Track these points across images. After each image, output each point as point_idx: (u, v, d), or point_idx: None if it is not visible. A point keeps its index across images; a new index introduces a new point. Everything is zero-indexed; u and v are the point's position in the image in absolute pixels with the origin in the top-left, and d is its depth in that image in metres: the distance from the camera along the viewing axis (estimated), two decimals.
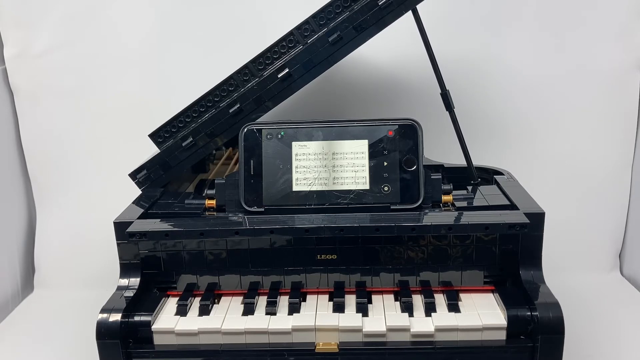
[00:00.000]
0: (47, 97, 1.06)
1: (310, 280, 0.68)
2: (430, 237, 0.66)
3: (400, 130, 0.70)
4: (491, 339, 0.61)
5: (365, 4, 0.71)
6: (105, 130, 1.08)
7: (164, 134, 0.77)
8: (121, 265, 0.68)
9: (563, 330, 0.59)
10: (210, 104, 0.75)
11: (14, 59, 1.05)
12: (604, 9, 1.00)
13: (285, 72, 0.73)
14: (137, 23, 1.04)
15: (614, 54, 1.02)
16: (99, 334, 0.62)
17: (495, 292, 0.66)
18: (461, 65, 1.02)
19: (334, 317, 0.63)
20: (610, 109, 1.04)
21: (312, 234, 0.64)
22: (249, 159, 0.70)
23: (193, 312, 0.65)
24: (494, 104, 1.04)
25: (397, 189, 0.68)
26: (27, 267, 1.11)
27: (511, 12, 1.02)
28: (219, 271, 0.68)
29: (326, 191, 0.69)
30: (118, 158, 1.05)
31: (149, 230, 0.65)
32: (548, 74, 1.03)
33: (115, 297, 0.66)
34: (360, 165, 0.69)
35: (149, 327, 0.63)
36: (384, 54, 1.03)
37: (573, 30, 1.02)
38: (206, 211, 0.73)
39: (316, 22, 0.73)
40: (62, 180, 1.09)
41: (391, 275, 0.67)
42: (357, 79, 1.05)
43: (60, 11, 1.03)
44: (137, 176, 0.78)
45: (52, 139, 1.08)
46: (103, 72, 1.06)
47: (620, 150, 1.06)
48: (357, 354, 0.61)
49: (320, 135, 0.70)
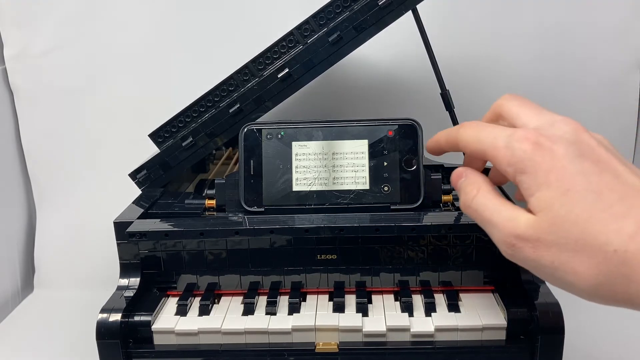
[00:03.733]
0: (47, 97, 1.06)
1: (310, 280, 0.68)
2: (430, 237, 0.66)
3: (400, 130, 0.70)
4: (491, 339, 0.61)
5: (365, 4, 0.71)
6: (105, 130, 1.08)
7: (164, 134, 0.77)
8: (121, 265, 0.68)
9: (563, 330, 0.59)
10: (210, 104, 0.75)
11: (14, 59, 1.05)
12: (604, 9, 1.00)
13: (285, 72, 0.73)
14: (137, 23, 1.04)
15: (614, 54, 1.02)
16: (99, 334, 0.62)
17: (495, 292, 0.66)
18: (461, 65, 1.02)
19: (334, 317, 0.63)
20: (610, 109, 1.04)
21: (312, 234, 0.64)
22: (249, 159, 0.70)
23: (193, 312, 0.65)
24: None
25: (397, 189, 0.68)
26: (27, 267, 1.11)
27: (511, 12, 1.02)
28: (219, 271, 0.68)
29: (326, 191, 0.69)
30: (118, 158, 1.05)
31: (149, 230, 0.65)
32: (548, 74, 1.03)
33: (115, 297, 0.66)
34: (360, 165, 0.69)
35: (149, 327, 0.63)
36: (384, 54, 1.03)
37: (573, 30, 1.02)
38: (206, 211, 0.73)
39: (316, 22, 0.73)
40: (62, 180, 1.09)
41: (391, 275, 0.67)
42: (357, 79, 1.05)
43: (60, 11, 1.03)
44: (137, 176, 0.78)
45: (52, 139, 1.08)
46: (103, 72, 1.06)
47: (620, 150, 1.05)
48: (357, 354, 0.61)
49: (320, 135, 0.70)
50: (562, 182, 0.42)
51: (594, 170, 0.42)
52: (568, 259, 0.42)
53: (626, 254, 0.39)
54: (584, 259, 0.41)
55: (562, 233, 0.42)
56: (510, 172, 0.45)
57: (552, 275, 0.43)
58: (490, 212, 0.47)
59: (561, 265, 0.42)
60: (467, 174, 0.52)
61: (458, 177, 0.52)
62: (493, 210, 0.47)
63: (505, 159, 0.45)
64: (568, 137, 0.44)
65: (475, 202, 0.48)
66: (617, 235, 0.40)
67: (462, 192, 0.51)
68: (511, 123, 0.49)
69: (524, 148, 0.44)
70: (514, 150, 0.45)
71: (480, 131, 0.49)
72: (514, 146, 0.45)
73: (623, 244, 0.39)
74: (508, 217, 0.45)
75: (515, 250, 0.44)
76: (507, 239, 0.45)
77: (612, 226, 0.40)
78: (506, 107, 0.51)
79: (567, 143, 0.44)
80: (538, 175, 0.43)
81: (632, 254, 0.39)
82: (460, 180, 0.52)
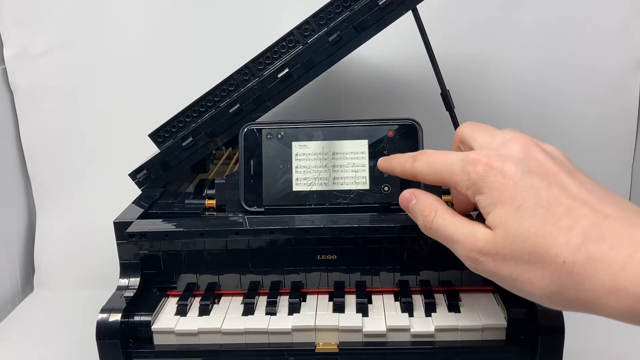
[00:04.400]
0: (47, 97, 1.06)
1: (310, 280, 0.68)
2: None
3: (400, 130, 0.70)
4: (491, 339, 0.61)
5: (365, 4, 0.71)
6: (105, 130, 1.08)
7: (164, 134, 0.77)
8: (121, 265, 0.68)
9: (563, 330, 0.59)
10: (210, 104, 0.75)
11: (14, 59, 1.05)
12: (604, 9, 1.00)
13: (285, 72, 0.73)
14: (137, 23, 1.04)
15: (614, 54, 1.02)
16: (98, 334, 0.62)
17: (495, 292, 0.66)
18: (461, 65, 1.02)
19: (334, 317, 0.63)
20: (610, 109, 1.04)
21: (313, 234, 0.64)
22: (249, 159, 0.70)
23: (193, 312, 0.65)
24: (494, 104, 1.04)
25: (397, 189, 0.68)
26: (27, 267, 1.11)
27: (511, 12, 1.02)
28: (219, 271, 0.68)
29: (326, 191, 0.69)
30: (118, 158, 1.05)
31: (149, 230, 0.65)
32: (548, 74, 1.03)
33: (115, 297, 0.65)
34: (360, 165, 0.69)
35: (149, 327, 0.63)
36: (384, 54, 1.03)
37: (573, 30, 1.02)
38: (206, 211, 0.73)
39: (316, 22, 0.73)
40: (62, 180, 1.09)
41: (391, 275, 0.67)
42: (357, 79, 1.05)
43: (60, 11, 1.03)
44: (137, 176, 0.78)
45: (52, 139, 1.08)
46: (103, 72, 1.06)
47: (620, 150, 1.06)
48: (357, 354, 0.61)
49: (320, 135, 0.70)
50: (514, 199, 0.45)
51: (543, 185, 0.45)
52: (524, 271, 0.45)
53: (574, 265, 0.42)
54: (538, 270, 0.44)
55: (516, 247, 0.45)
56: (470, 194, 0.48)
57: (513, 286, 0.47)
58: (450, 230, 0.50)
59: (518, 276, 0.45)
60: (417, 196, 0.54)
61: (408, 201, 0.55)
62: (452, 228, 0.50)
63: (463, 183, 0.49)
64: (517, 154, 0.47)
65: (435, 224, 0.51)
66: (565, 248, 0.42)
67: (419, 215, 0.53)
68: (470, 147, 0.52)
69: (477, 170, 0.47)
70: (469, 174, 0.48)
71: (433, 162, 0.52)
72: (469, 170, 0.48)
73: (571, 256, 0.42)
74: (467, 234, 0.48)
75: (478, 264, 0.48)
76: (469, 254, 0.48)
77: (560, 239, 0.43)
78: (463, 133, 0.54)
79: (516, 161, 0.46)
80: (493, 195, 0.46)
81: (579, 264, 0.42)
82: (411, 203, 0.55)
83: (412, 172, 0.55)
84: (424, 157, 0.53)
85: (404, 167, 0.56)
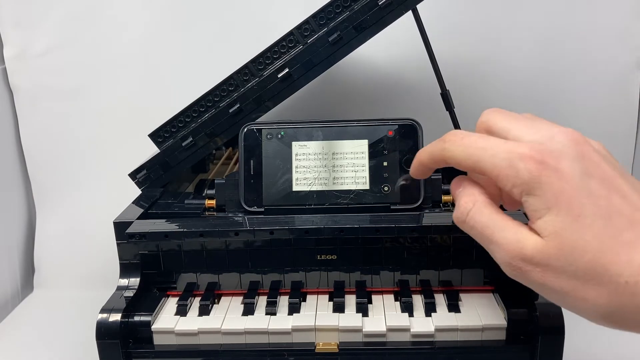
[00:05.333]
0: (47, 97, 1.06)
1: (310, 280, 0.68)
2: (430, 237, 0.65)
3: (400, 130, 0.70)
4: (491, 339, 0.61)
5: (365, 4, 0.71)
6: (105, 130, 1.08)
7: (164, 134, 0.77)
8: (121, 265, 0.68)
9: (563, 330, 0.59)
10: (210, 104, 0.75)
11: (14, 59, 1.05)
12: (604, 9, 1.00)
13: (285, 72, 0.73)
14: (137, 23, 1.04)
15: (614, 54, 1.02)
16: (98, 334, 0.62)
17: (495, 292, 0.66)
18: (461, 65, 1.02)
19: (334, 317, 0.62)
20: (610, 109, 1.04)
21: (313, 234, 0.64)
22: (249, 159, 0.70)
23: (193, 312, 0.65)
24: (494, 104, 1.04)
25: (397, 189, 0.68)
26: (27, 267, 1.11)
27: (511, 12, 1.02)
28: (219, 271, 0.68)
29: (326, 191, 0.69)
30: (118, 158, 1.05)
31: (149, 230, 0.65)
32: (548, 74, 1.03)
33: (115, 297, 0.65)
34: (360, 165, 0.69)
35: (149, 327, 0.63)
36: (384, 54, 1.03)
37: (573, 30, 1.02)
38: (206, 211, 0.73)
39: (316, 22, 0.73)
40: (62, 180, 1.09)
41: (391, 275, 0.67)
42: (357, 79, 1.05)
43: (60, 11, 1.03)
44: (137, 176, 0.78)
45: (52, 139, 1.08)
46: (103, 72, 1.06)
47: (620, 150, 1.06)
48: (357, 354, 0.61)
49: (320, 135, 0.70)
50: (572, 206, 0.41)
51: (602, 193, 0.41)
52: (577, 286, 0.41)
53: (637, 285, 0.39)
54: (594, 287, 0.40)
55: (571, 260, 0.40)
56: (516, 192, 0.43)
57: (561, 300, 0.43)
58: (489, 229, 0.45)
59: (570, 291, 0.41)
60: (464, 185, 0.49)
61: (456, 187, 0.50)
62: (492, 226, 0.45)
63: (509, 179, 0.43)
64: (570, 151, 0.42)
65: (470, 218, 0.46)
66: (628, 267, 0.39)
67: (457, 204, 0.48)
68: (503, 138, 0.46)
69: (529, 168, 0.42)
70: (518, 170, 0.42)
71: (469, 146, 0.46)
72: (518, 166, 0.42)
73: (634, 275, 0.39)
74: (511, 238, 0.43)
75: (522, 273, 0.43)
76: (512, 262, 0.43)
77: (623, 257, 0.39)
78: (493, 122, 0.47)
79: (571, 160, 0.42)
80: (547, 198, 0.41)
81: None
82: (458, 190, 0.49)
83: (441, 155, 0.48)
84: (457, 138, 0.46)
85: (432, 152, 0.49)
